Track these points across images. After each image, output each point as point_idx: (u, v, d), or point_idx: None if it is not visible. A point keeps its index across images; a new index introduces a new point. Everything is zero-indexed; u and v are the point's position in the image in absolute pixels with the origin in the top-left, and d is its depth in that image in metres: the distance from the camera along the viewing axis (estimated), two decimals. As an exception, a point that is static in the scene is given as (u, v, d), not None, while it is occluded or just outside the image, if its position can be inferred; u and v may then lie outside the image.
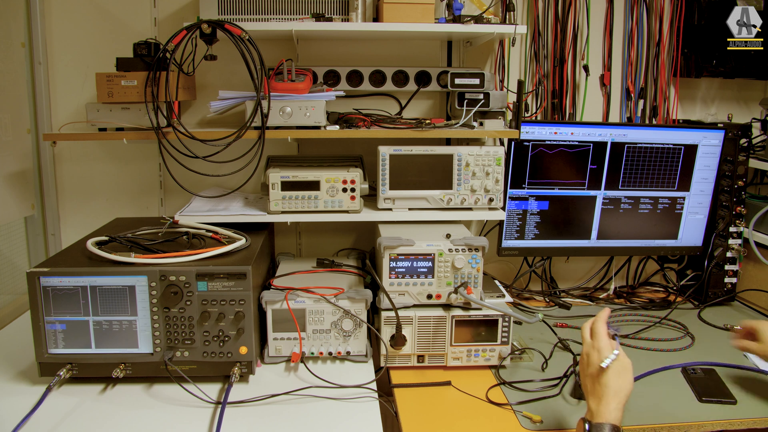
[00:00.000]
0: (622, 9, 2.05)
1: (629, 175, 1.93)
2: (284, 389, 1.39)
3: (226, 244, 1.49)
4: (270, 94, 1.56)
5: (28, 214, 1.92)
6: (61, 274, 1.34)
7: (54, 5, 1.87)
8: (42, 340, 1.36)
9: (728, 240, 2.01)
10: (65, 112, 1.93)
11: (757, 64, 1.98)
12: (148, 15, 1.89)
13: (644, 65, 2.10)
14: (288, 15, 1.70)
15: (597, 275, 2.21)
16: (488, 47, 2.04)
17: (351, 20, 1.68)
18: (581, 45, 2.06)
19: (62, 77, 1.91)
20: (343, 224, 2.03)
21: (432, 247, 1.53)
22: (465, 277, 1.54)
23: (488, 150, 1.66)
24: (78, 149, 1.97)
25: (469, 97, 1.70)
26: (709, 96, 2.18)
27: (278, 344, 1.53)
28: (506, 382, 1.48)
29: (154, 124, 1.56)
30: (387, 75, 1.92)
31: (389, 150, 1.64)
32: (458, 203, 1.68)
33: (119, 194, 2.01)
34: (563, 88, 2.05)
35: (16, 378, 1.42)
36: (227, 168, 1.60)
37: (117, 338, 1.38)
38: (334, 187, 1.63)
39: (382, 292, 1.52)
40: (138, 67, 1.59)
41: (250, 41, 1.51)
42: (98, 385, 1.40)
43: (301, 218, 1.65)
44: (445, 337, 1.54)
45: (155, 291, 1.35)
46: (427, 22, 1.65)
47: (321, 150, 1.98)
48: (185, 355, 1.39)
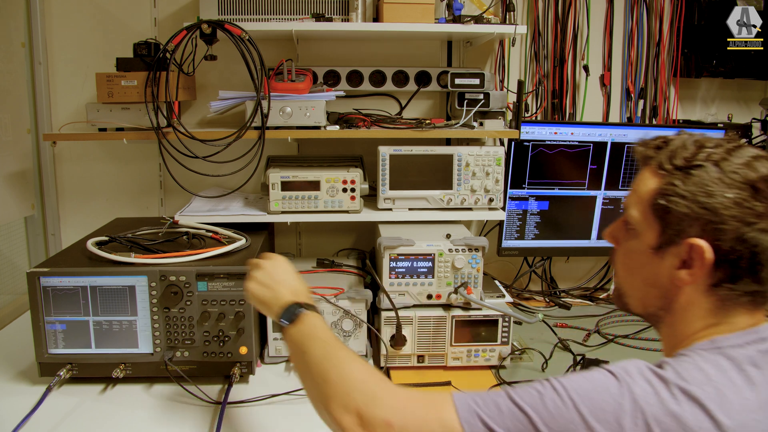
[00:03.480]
0: (622, 9, 2.05)
1: (629, 175, 1.93)
2: (284, 389, 1.38)
3: (227, 244, 1.49)
4: (270, 94, 1.56)
5: (28, 214, 1.92)
6: (61, 274, 1.34)
7: (54, 5, 1.87)
8: (42, 340, 1.36)
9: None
10: (65, 112, 1.92)
11: (757, 64, 1.98)
12: (148, 15, 1.89)
13: (644, 65, 2.10)
14: (288, 15, 1.70)
15: (597, 275, 2.21)
16: (488, 47, 2.04)
17: (351, 20, 1.68)
18: (581, 45, 2.06)
19: (62, 77, 1.91)
20: (343, 224, 2.03)
21: (432, 247, 1.53)
22: (465, 277, 1.54)
23: (488, 150, 1.66)
24: (78, 149, 1.97)
25: (469, 97, 1.70)
26: (709, 96, 2.18)
27: (278, 344, 1.52)
28: (506, 382, 1.48)
29: (154, 124, 1.56)
30: (387, 75, 1.92)
31: (389, 150, 1.64)
32: (458, 203, 1.68)
33: (119, 194, 2.01)
34: (563, 88, 2.05)
35: (16, 378, 1.42)
36: (227, 168, 1.60)
37: (117, 338, 1.38)
38: (334, 187, 1.63)
39: (382, 292, 1.52)
40: (138, 67, 1.59)
41: (250, 41, 1.51)
42: (98, 385, 1.40)
43: (301, 218, 1.65)
44: (445, 337, 1.54)
45: (155, 291, 1.35)
46: (427, 22, 1.65)
47: (321, 150, 1.98)
48: (185, 355, 1.39)
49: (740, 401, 0.71)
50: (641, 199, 0.86)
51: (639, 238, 0.86)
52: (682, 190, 0.79)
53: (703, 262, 0.78)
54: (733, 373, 0.74)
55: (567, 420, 0.71)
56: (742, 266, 0.78)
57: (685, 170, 0.80)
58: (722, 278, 0.79)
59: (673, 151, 0.83)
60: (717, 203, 0.77)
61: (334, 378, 0.86)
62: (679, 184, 0.80)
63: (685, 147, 0.82)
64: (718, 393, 0.71)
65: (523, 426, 0.72)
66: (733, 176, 0.77)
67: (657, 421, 0.69)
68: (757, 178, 0.77)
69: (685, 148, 0.82)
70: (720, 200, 0.77)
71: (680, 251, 0.80)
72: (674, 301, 0.84)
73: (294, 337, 0.98)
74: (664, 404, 0.70)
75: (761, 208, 0.76)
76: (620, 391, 0.72)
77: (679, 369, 0.74)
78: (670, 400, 0.70)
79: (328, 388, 0.86)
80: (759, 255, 0.77)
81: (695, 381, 0.72)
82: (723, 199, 0.77)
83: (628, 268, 0.91)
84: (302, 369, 0.95)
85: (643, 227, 0.86)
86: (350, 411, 0.81)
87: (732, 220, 0.76)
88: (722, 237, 0.77)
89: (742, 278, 0.79)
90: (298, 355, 0.96)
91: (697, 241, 0.78)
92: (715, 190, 0.77)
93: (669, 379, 0.72)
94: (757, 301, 0.81)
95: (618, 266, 0.94)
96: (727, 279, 0.79)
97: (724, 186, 0.77)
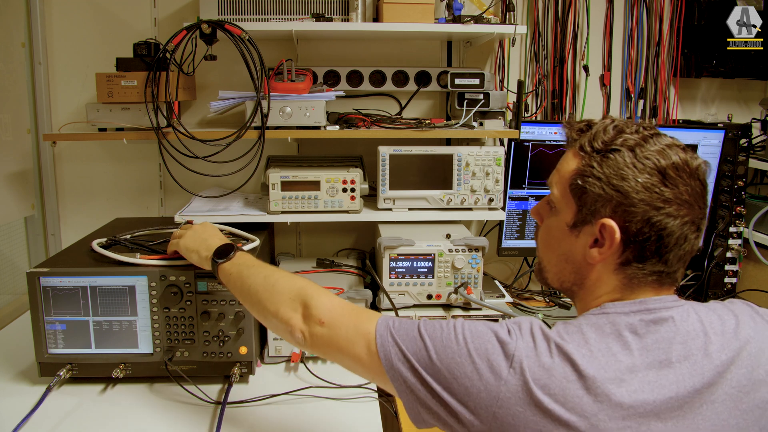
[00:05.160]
0: (622, 9, 2.05)
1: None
2: (284, 389, 1.38)
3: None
4: (270, 94, 1.56)
5: (28, 214, 1.92)
6: (61, 274, 1.34)
7: (54, 5, 1.87)
8: (42, 340, 1.36)
9: (728, 240, 2.01)
10: (65, 112, 1.93)
11: (757, 64, 1.98)
12: (148, 15, 1.89)
13: (644, 65, 2.10)
14: (288, 15, 1.70)
15: (597, 275, 2.21)
16: (488, 47, 2.04)
17: (351, 20, 1.68)
18: (581, 45, 2.06)
19: (62, 77, 1.91)
20: (343, 224, 2.03)
21: (432, 247, 1.53)
22: (465, 277, 1.54)
23: (488, 150, 1.66)
24: (78, 149, 1.97)
25: (469, 97, 1.70)
26: (709, 96, 2.19)
27: (278, 344, 1.53)
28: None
29: (154, 124, 1.56)
30: (387, 75, 1.92)
31: (389, 150, 1.64)
32: (458, 203, 1.68)
33: (119, 194, 2.01)
34: (563, 88, 2.05)
35: (16, 378, 1.42)
36: (227, 168, 1.60)
37: (117, 338, 1.38)
38: (334, 187, 1.63)
39: (382, 292, 1.52)
40: (138, 67, 1.59)
41: (250, 41, 1.51)
42: (98, 385, 1.40)
43: (301, 218, 1.65)
44: (445, 337, 1.54)
45: (155, 291, 1.35)
46: (427, 22, 1.65)
47: (321, 150, 1.98)
48: (185, 355, 1.39)
49: (610, 362, 0.77)
50: (562, 178, 0.91)
51: (558, 215, 0.91)
52: (598, 172, 0.83)
53: (613, 242, 0.82)
54: (612, 339, 0.80)
55: (455, 353, 0.81)
56: (649, 247, 0.82)
57: (602, 153, 0.84)
58: (630, 258, 0.83)
59: (594, 134, 0.87)
60: (628, 187, 0.81)
61: (282, 287, 1.03)
62: (595, 166, 0.84)
63: (606, 131, 0.86)
64: (591, 354, 0.78)
65: (420, 351, 0.83)
66: (645, 162, 0.81)
67: (530, 369, 0.77)
68: (668, 165, 0.81)
69: (605, 132, 0.86)
70: (631, 184, 0.81)
71: (593, 230, 0.85)
72: (586, 277, 0.89)
73: (231, 270, 1.14)
74: (539, 357, 0.78)
75: (669, 193, 0.80)
76: (507, 340, 0.80)
77: (562, 330, 0.82)
78: (544, 354, 0.78)
79: (278, 296, 1.02)
80: (665, 238, 0.81)
81: (573, 341, 0.79)
82: (634, 183, 0.81)
83: (547, 244, 0.96)
84: (245, 293, 1.09)
85: (562, 205, 0.90)
86: (297, 309, 0.98)
87: (641, 203, 0.80)
88: (631, 219, 0.81)
89: (649, 259, 0.83)
90: (239, 282, 1.11)
91: (608, 221, 0.82)
92: (628, 174, 0.81)
93: (550, 337, 0.80)
94: (662, 281, 0.85)
95: (539, 242, 0.99)
96: (635, 259, 0.83)
97: (636, 171, 0.81)
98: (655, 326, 0.81)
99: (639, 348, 0.79)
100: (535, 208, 1.02)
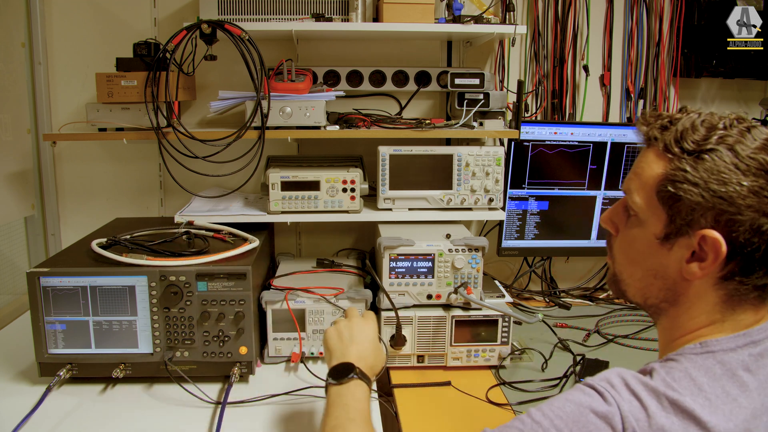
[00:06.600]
0: (622, 9, 2.05)
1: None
2: (284, 389, 1.38)
3: (232, 243, 1.50)
4: (270, 94, 1.56)
5: (28, 214, 1.92)
6: (61, 274, 1.34)
7: (54, 5, 1.87)
8: (42, 340, 1.36)
9: None
10: (65, 112, 1.93)
11: (757, 64, 1.98)
12: (148, 15, 1.89)
13: (644, 65, 2.10)
14: (288, 15, 1.70)
15: (597, 275, 2.21)
16: (488, 47, 2.04)
17: (351, 20, 1.68)
18: (581, 45, 2.06)
19: (62, 77, 1.91)
20: (343, 224, 2.03)
21: (432, 247, 1.53)
22: (465, 277, 1.54)
23: (488, 150, 1.66)
24: (78, 149, 1.97)
25: (469, 97, 1.70)
26: (709, 96, 2.18)
27: (278, 344, 1.53)
28: (506, 383, 1.48)
29: (154, 124, 1.56)
30: (387, 75, 1.92)
31: (389, 150, 1.64)
32: (458, 203, 1.68)
33: (119, 194, 2.01)
34: (563, 88, 2.05)
35: (16, 378, 1.42)
36: (227, 168, 1.60)
37: (117, 338, 1.38)
38: (334, 187, 1.63)
39: (382, 292, 1.52)
40: (138, 67, 1.59)
41: (250, 41, 1.51)
42: (98, 385, 1.40)
43: (301, 218, 1.65)
44: (445, 337, 1.54)
45: (155, 291, 1.35)
46: (427, 22, 1.65)
47: (321, 150, 1.98)
48: (185, 355, 1.39)
49: (734, 410, 0.67)
50: (645, 184, 0.79)
51: (642, 226, 0.80)
52: (693, 177, 0.72)
53: (718, 256, 0.72)
54: (726, 380, 0.70)
55: None
56: (757, 258, 0.72)
57: (695, 154, 0.73)
58: (734, 271, 0.73)
59: (682, 132, 0.75)
60: (732, 192, 0.70)
61: None
62: (689, 170, 0.73)
63: (695, 128, 0.75)
64: (711, 403, 0.67)
65: None
66: (749, 162, 0.70)
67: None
68: None
69: (694, 130, 0.75)
70: (736, 188, 0.70)
71: (690, 242, 0.74)
72: (681, 294, 0.78)
73: (331, 395, 1.01)
74: (654, 419, 0.66)
75: None
76: (608, 410, 0.68)
77: (668, 378, 0.70)
78: (659, 414, 0.66)
79: None
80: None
81: (686, 390, 0.68)
82: (739, 188, 0.70)
83: (629, 257, 0.84)
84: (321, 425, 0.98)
85: (647, 215, 0.79)
86: None
87: (748, 210, 0.70)
88: (738, 229, 0.70)
89: (755, 272, 0.73)
90: (324, 411, 0.99)
91: (710, 233, 0.71)
92: (731, 177, 0.70)
93: (659, 390, 0.68)
94: (764, 297, 0.75)
95: (617, 253, 0.88)
96: (739, 272, 0.73)
97: (740, 173, 0.70)
98: (764, 360, 0.72)
99: (756, 387, 0.70)
100: (606, 215, 0.90)
